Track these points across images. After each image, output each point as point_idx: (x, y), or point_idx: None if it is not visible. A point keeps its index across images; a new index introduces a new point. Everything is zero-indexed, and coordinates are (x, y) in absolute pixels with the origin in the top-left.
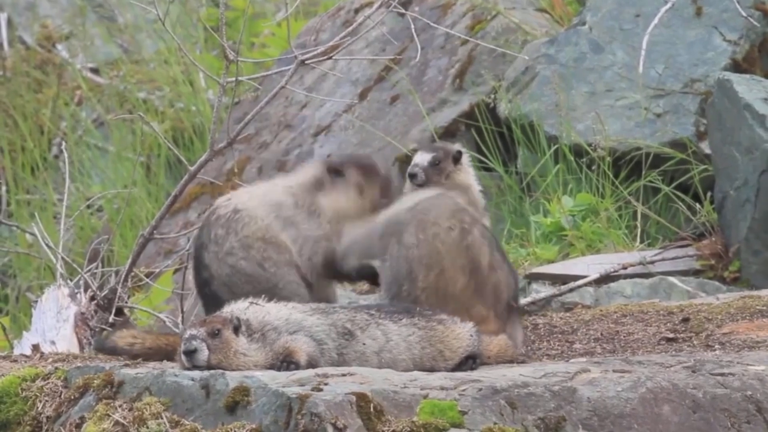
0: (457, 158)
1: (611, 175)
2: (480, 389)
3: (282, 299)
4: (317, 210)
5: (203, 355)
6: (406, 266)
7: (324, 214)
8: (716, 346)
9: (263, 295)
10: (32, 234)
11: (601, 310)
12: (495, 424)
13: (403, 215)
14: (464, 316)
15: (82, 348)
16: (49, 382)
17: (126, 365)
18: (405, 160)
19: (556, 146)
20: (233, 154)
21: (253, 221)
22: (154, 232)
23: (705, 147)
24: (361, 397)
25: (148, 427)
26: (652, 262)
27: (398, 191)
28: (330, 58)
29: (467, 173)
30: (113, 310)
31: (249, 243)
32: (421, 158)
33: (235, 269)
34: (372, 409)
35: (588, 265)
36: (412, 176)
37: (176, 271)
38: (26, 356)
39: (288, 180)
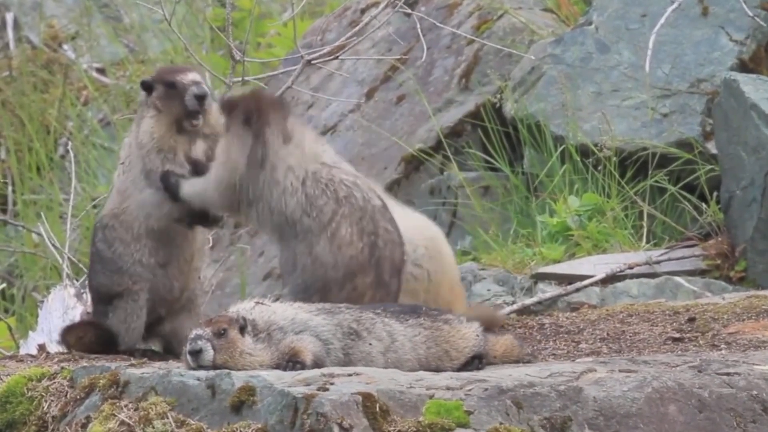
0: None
1: (617, 175)
2: (486, 389)
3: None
4: (138, 140)
5: (208, 355)
6: (320, 283)
7: (141, 143)
8: (722, 346)
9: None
10: (38, 234)
11: (607, 310)
12: (501, 424)
13: (308, 221)
14: None
15: None
16: (54, 382)
17: (132, 365)
18: (411, 161)
19: (562, 146)
20: None
21: (111, 196)
22: None
23: (711, 147)
24: (367, 397)
25: (153, 427)
26: (658, 262)
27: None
28: (336, 58)
29: None
30: None
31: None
32: None
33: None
34: (378, 409)
35: (594, 265)
36: None
37: None
38: (32, 356)
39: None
